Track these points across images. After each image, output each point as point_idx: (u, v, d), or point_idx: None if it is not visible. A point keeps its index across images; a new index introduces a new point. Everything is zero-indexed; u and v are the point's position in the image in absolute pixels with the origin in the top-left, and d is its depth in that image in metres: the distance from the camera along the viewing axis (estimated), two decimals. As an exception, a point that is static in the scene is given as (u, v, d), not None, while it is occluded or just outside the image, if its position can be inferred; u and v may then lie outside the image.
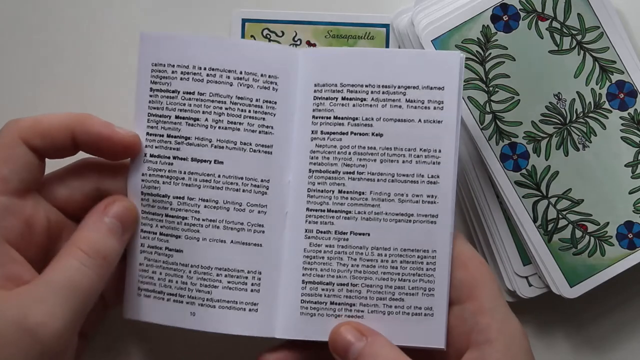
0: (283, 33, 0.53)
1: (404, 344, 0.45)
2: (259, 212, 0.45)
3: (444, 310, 0.44)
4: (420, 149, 0.44)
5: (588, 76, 0.51)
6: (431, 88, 0.44)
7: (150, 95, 0.45)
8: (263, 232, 0.45)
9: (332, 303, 0.45)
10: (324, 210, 0.45)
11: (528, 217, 0.50)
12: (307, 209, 0.45)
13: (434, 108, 0.44)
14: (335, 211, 0.45)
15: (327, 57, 0.45)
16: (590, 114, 0.51)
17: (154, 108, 0.45)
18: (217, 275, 0.45)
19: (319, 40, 0.52)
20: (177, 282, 0.46)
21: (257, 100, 0.45)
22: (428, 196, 0.44)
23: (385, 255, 0.45)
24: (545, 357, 0.53)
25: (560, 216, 0.50)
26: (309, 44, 0.53)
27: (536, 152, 0.50)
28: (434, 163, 0.44)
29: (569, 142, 0.51)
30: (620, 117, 0.51)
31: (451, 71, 0.44)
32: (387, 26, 0.52)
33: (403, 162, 0.44)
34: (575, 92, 0.51)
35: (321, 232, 0.45)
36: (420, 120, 0.44)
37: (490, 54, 0.50)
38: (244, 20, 0.53)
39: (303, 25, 0.52)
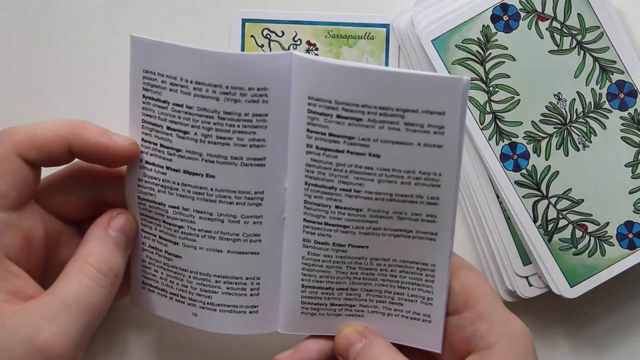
0: (283, 33, 0.53)
1: (402, 343, 0.45)
2: (254, 222, 0.44)
3: (442, 318, 0.44)
4: (420, 172, 0.41)
5: (588, 76, 0.51)
6: (431, 113, 0.40)
7: (143, 102, 0.44)
8: (260, 240, 0.44)
9: (332, 304, 0.45)
10: (321, 223, 0.43)
11: (528, 217, 0.50)
12: (305, 220, 0.44)
13: (434, 133, 0.41)
14: (333, 225, 0.43)
15: (322, 69, 0.41)
16: (591, 114, 0.51)
17: (147, 115, 0.44)
18: (216, 282, 0.45)
19: (319, 40, 0.52)
20: (177, 283, 0.46)
21: (245, 114, 0.42)
22: (427, 215, 0.42)
23: (384, 265, 0.44)
24: (546, 357, 0.53)
25: (560, 216, 0.50)
26: (309, 44, 0.53)
27: (536, 152, 0.50)
28: (433, 186, 0.42)
29: (569, 142, 0.51)
30: (621, 117, 0.51)
31: (453, 97, 0.40)
32: (387, 26, 0.52)
33: (402, 183, 0.42)
34: (576, 92, 0.51)
35: (319, 242, 0.44)
36: (419, 144, 0.41)
37: (490, 54, 0.50)
38: (244, 20, 0.53)
39: (303, 25, 0.52)
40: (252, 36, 0.53)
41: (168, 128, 0.43)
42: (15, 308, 0.41)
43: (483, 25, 0.50)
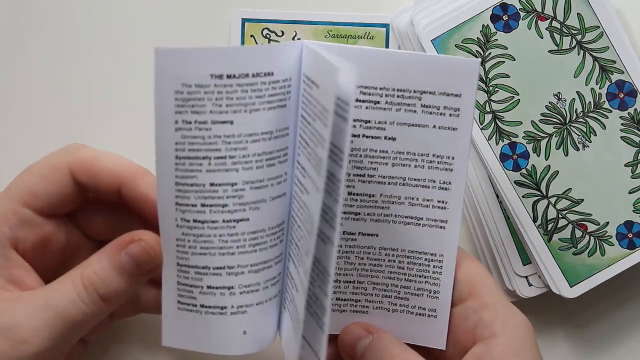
0: (283, 33, 0.53)
1: (406, 341, 0.45)
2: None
3: (447, 312, 0.44)
4: (434, 155, 0.43)
5: (588, 76, 0.51)
6: (448, 95, 0.42)
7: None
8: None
9: (338, 299, 0.45)
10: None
11: (528, 217, 0.50)
12: None
13: (450, 115, 0.42)
14: (345, 213, 0.44)
15: (340, 54, 0.40)
16: (591, 114, 0.51)
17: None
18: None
19: (319, 40, 0.52)
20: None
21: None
22: (439, 202, 0.43)
23: (393, 255, 0.44)
24: (546, 357, 0.53)
25: (560, 216, 0.50)
26: (309, 44, 0.53)
27: (536, 152, 0.50)
28: (446, 170, 0.43)
29: (569, 142, 0.51)
30: (620, 117, 0.51)
31: (470, 79, 0.41)
32: (387, 26, 0.52)
33: (415, 167, 0.43)
34: (575, 92, 0.51)
35: None
36: (435, 127, 0.42)
37: (490, 54, 0.50)
38: (244, 20, 0.53)
39: (303, 25, 0.52)
40: (252, 36, 0.53)
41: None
42: (9, 296, 0.41)
43: (483, 25, 0.50)
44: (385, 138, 0.42)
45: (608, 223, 0.50)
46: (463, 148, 0.42)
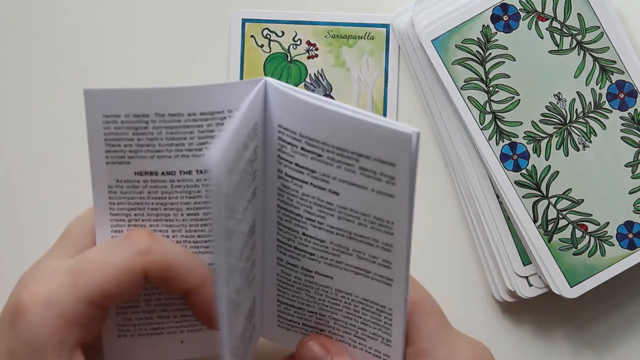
0: (283, 33, 0.53)
1: None
2: (252, 248, 0.44)
3: (400, 358, 0.43)
4: (374, 217, 0.40)
5: (588, 76, 0.51)
6: (383, 162, 0.39)
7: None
8: (255, 265, 0.44)
9: (304, 324, 0.45)
10: (290, 246, 0.43)
11: (528, 217, 0.50)
12: (278, 240, 0.44)
13: (386, 182, 0.39)
14: (301, 250, 0.43)
15: (289, 101, 0.41)
16: (591, 114, 0.51)
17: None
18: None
19: (319, 40, 0.52)
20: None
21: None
22: (383, 260, 0.41)
23: (348, 298, 0.44)
24: (545, 357, 0.53)
25: (560, 216, 0.50)
26: (309, 43, 0.53)
27: (536, 152, 0.50)
28: (387, 233, 0.41)
29: (569, 142, 0.51)
30: (621, 117, 0.51)
31: (402, 150, 0.38)
32: (387, 26, 0.52)
33: (359, 224, 0.41)
34: (576, 92, 0.51)
35: (290, 264, 0.44)
36: (373, 190, 0.40)
37: (490, 54, 0.50)
38: (244, 20, 0.53)
39: (303, 25, 0.53)
40: (252, 36, 0.53)
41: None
42: None
43: (483, 25, 0.50)
44: (330, 191, 0.41)
45: (608, 223, 0.50)
46: (401, 215, 0.40)
